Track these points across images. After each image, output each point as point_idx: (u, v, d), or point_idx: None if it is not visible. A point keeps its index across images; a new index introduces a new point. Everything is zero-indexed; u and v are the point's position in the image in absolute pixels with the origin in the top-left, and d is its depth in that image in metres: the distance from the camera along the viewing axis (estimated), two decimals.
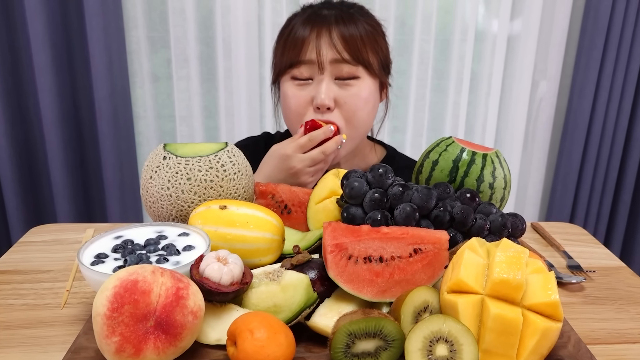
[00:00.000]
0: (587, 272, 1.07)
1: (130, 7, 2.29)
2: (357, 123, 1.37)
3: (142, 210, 2.50)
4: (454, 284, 0.73)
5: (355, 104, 1.35)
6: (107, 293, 0.67)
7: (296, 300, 0.78)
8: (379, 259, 0.82)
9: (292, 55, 1.34)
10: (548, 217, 2.77)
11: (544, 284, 0.71)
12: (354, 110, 1.35)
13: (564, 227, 1.31)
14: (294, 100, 1.36)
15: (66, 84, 2.25)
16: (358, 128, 1.38)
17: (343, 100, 1.34)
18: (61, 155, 2.27)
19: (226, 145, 1.05)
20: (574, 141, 2.58)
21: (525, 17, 2.48)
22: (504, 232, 0.94)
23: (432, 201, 0.93)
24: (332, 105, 1.33)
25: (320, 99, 1.31)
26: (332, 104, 1.33)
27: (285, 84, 1.39)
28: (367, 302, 0.82)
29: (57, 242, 1.17)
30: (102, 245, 0.87)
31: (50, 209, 2.42)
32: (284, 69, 1.37)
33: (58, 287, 0.98)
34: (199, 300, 0.72)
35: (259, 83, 2.44)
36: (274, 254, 0.94)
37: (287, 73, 1.37)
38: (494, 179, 1.06)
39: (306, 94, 1.35)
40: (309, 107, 1.36)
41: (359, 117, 1.36)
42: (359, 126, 1.38)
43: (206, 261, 0.78)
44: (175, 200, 0.99)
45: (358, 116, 1.36)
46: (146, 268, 0.70)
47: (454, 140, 1.10)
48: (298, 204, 1.10)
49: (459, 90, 2.57)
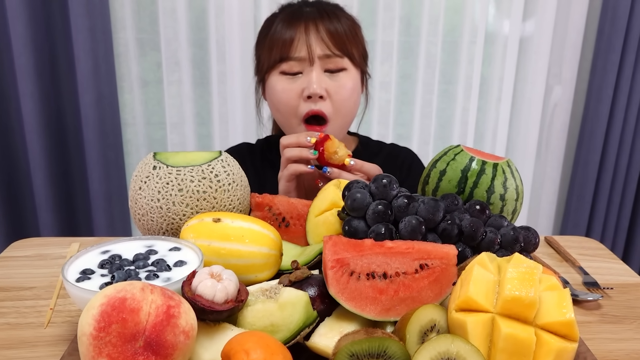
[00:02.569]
0: (605, 289, 1.07)
1: (118, 7, 2.30)
2: (345, 112, 1.47)
3: (131, 224, 2.50)
4: (462, 302, 0.73)
5: (344, 94, 1.45)
6: (93, 311, 0.67)
7: (295, 319, 0.78)
8: (382, 275, 0.82)
9: (281, 51, 1.43)
10: (563, 231, 2.77)
11: (558, 302, 0.71)
12: (342, 99, 1.45)
13: (580, 241, 1.31)
14: (284, 94, 1.45)
15: (49, 88, 2.26)
16: (346, 117, 1.49)
17: (334, 91, 1.44)
18: (44, 165, 2.27)
19: (220, 154, 1.06)
20: (590, 149, 2.58)
21: (539, 18, 2.49)
22: (515, 246, 0.94)
23: (439, 214, 0.93)
24: (324, 93, 1.42)
25: (313, 88, 1.40)
26: (324, 92, 1.42)
27: (274, 79, 1.46)
28: (370, 321, 0.82)
29: (40, 257, 1.17)
30: (88, 261, 0.87)
31: (32, 222, 2.42)
32: (272, 65, 1.46)
33: (41, 305, 0.98)
34: (191, 319, 0.72)
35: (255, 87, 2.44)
36: (271, 270, 0.95)
37: (275, 68, 1.45)
38: (505, 190, 1.06)
39: (297, 86, 1.44)
40: (299, 98, 1.44)
41: (347, 107, 1.47)
42: (346, 115, 1.49)
43: (199, 277, 0.78)
44: (166, 213, 0.99)
45: (346, 105, 1.47)
46: (135, 285, 0.70)
47: (463, 149, 1.10)
48: (297, 216, 1.10)
49: (468, 95, 2.58)
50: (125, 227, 2.49)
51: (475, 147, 2.66)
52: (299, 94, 1.43)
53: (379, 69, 2.50)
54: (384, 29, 2.44)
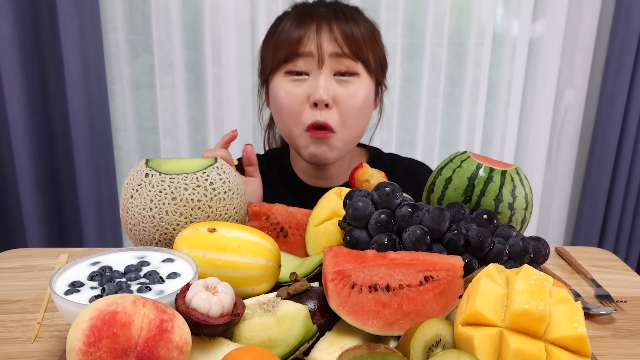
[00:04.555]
0: (618, 302, 1.08)
1: (109, 7, 2.31)
2: (352, 123, 1.40)
3: (122, 234, 2.50)
4: (469, 316, 0.73)
5: (353, 103, 1.38)
6: (82, 326, 0.68)
7: (293, 334, 0.78)
8: (385, 287, 0.82)
9: (288, 48, 1.37)
10: (574, 241, 2.77)
11: (569, 316, 0.71)
12: (351, 109, 1.38)
13: (592, 252, 1.31)
14: (287, 98, 1.38)
15: (37, 92, 2.26)
16: (353, 129, 1.42)
17: (342, 99, 1.37)
18: (31, 173, 2.27)
19: (215, 161, 1.06)
20: (603, 156, 2.59)
21: (549, 18, 2.50)
22: (525, 257, 0.94)
23: (445, 223, 0.93)
24: (330, 101, 1.35)
25: (319, 94, 1.34)
26: (331, 100, 1.36)
27: (277, 81, 1.40)
28: (372, 335, 0.82)
29: (27, 268, 1.17)
30: (77, 273, 0.87)
31: (19, 231, 2.41)
32: (277, 65, 1.39)
33: (28, 319, 0.98)
34: (185, 334, 0.72)
35: (252, 91, 2.44)
36: (269, 282, 0.95)
37: (280, 69, 1.39)
38: (513, 198, 1.06)
39: (302, 91, 1.37)
40: (304, 105, 1.38)
41: (355, 119, 1.40)
42: (354, 127, 1.41)
43: (193, 290, 0.78)
44: (159, 222, 0.99)
45: (355, 117, 1.40)
46: (126, 298, 0.71)
47: (470, 156, 1.10)
48: (295, 226, 1.10)
49: (475, 99, 2.58)
50: (116, 237, 2.49)
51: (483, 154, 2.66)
52: (303, 100, 1.37)
53: None
54: (387, 30, 2.44)
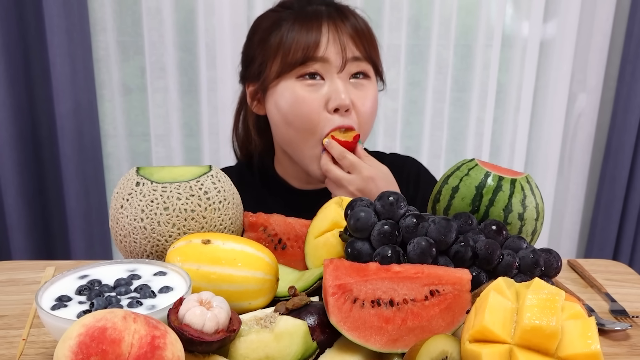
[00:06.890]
0: (634, 317, 1.08)
1: (98, 7, 2.31)
2: (367, 126, 1.44)
3: (112, 246, 2.50)
4: (477, 332, 0.73)
5: (369, 105, 1.41)
6: (70, 342, 0.68)
7: (292, 351, 0.78)
8: (389, 302, 0.83)
9: (305, 52, 1.34)
10: (587, 254, 2.77)
11: (582, 332, 0.71)
12: (367, 111, 1.41)
13: (607, 265, 1.31)
14: (304, 105, 1.36)
15: (22, 96, 2.27)
16: (367, 131, 1.45)
17: (360, 102, 1.39)
18: (16, 181, 2.27)
19: (210, 169, 1.06)
20: (617, 164, 2.59)
21: (561, 19, 2.50)
22: (535, 270, 0.94)
23: (451, 234, 0.93)
24: (351, 106, 1.37)
25: (341, 99, 1.34)
26: (351, 104, 1.37)
27: (286, 86, 1.37)
28: (375, 353, 0.82)
29: (12, 282, 1.17)
30: (65, 287, 0.88)
31: (3, 243, 2.41)
32: (288, 69, 1.36)
33: (13, 336, 0.98)
34: (178, 351, 0.72)
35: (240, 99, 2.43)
36: (266, 297, 0.95)
37: (290, 73, 1.37)
38: (524, 208, 1.06)
39: (319, 96, 1.36)
40: (322, 111, 1.36)
41: (370, 120, 1.44)
42: (368, 129, 1.45)
43: (187, 305, 0.78)
44: (151, 234, 1.00)
45: (370, 119, 1.44)
46: (116, 313, 0.71)
47: (477, 163, 1.10)
48: (294, 237, 1.11)
49: (483, 104, 2.58)
50: (105, 249, 2.49)
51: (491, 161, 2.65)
52: (322, 106, 1.36)
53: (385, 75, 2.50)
54: (391, 31, 2.45)
